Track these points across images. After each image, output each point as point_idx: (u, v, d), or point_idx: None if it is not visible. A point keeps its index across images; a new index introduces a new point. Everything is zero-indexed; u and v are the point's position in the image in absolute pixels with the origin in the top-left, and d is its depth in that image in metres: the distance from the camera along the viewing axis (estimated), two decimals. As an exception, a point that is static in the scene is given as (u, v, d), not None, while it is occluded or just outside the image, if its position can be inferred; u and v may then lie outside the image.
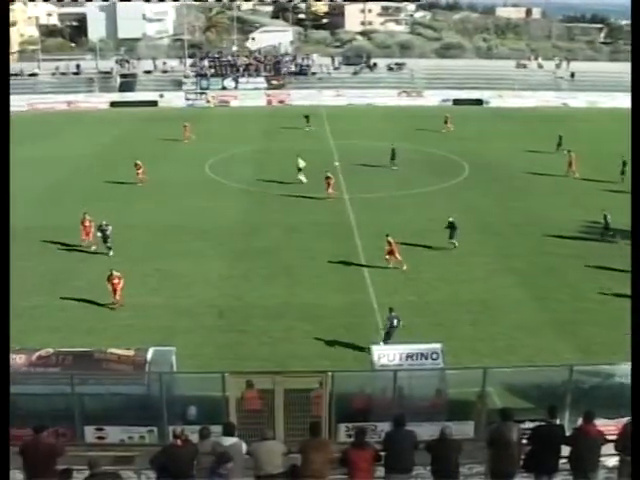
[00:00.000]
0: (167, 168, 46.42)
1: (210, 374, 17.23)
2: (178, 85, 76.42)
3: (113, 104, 73.51)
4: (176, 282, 28.28)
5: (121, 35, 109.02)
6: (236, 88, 76.13)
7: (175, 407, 16.82)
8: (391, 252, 29.06)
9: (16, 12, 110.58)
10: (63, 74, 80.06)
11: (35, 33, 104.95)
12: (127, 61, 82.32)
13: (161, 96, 74.02)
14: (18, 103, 72.28)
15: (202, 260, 30.70)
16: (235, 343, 23.17)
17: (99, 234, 31.06)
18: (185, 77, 77.51)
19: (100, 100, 74.53)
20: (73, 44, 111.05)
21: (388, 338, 22.26)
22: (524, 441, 12.14)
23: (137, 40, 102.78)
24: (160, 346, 18.98)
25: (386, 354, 17.91)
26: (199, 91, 75.31)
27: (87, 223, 31.92)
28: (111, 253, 30.99)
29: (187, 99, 74.35)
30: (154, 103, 73.09)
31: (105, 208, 35.79)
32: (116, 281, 25.84)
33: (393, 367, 17.05)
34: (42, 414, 15.58)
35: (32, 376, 17.08)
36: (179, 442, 11.84)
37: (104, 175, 44.63)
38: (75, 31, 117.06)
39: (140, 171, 42.20)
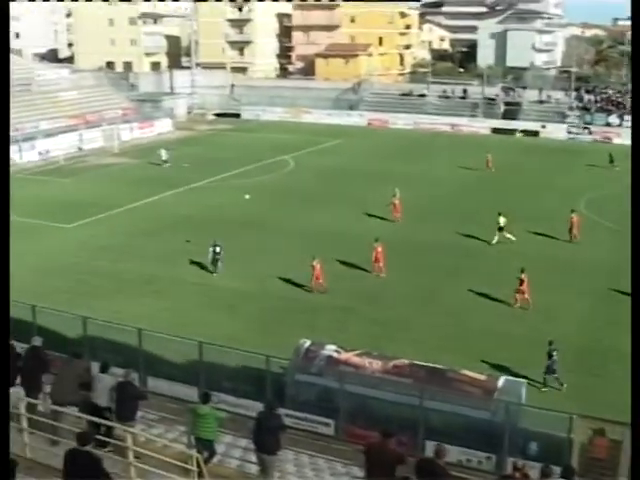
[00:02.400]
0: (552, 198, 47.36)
1: (559, 413, 17.47)
2: (561, 117, 77.11)
3: (495, 130, 76.66)
4: (541, 314, 29.00)
5: (509, 63, 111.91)
6: (620, 125, 73.83)
7: (517, 439, 17.45)
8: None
9: (411, 36, 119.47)
10: (449, 97, 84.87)
11: (427, 56, 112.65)
12: (512, 89, 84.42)
13: (543, 127, 75.71)
14: (406, 121, 79.96)
15: (569, 294, 31.15)
16: (588, 386, 23.17)
17: None
18: (569, 110, 77.57)
19: (482, 125, 78.26)
20: (461, 69, 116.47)
21: (551, 372, 22.61)
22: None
23: (524, 69, 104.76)
24: (510, 375, 19.82)
25: None
26: (582, 125, 74.98)
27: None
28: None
29: (569, 132, 74.98)
30: (535, 133, 75.11)
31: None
32: None
33: None
34: (388, 420, 17.38)
35: (385, 383, 19.02)
36: (517, 475, 12.27)
37: (482, 198, 46.79)
38: (465, 56, 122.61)
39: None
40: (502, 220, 37.80)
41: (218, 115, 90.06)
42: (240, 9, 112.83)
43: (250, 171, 56.50)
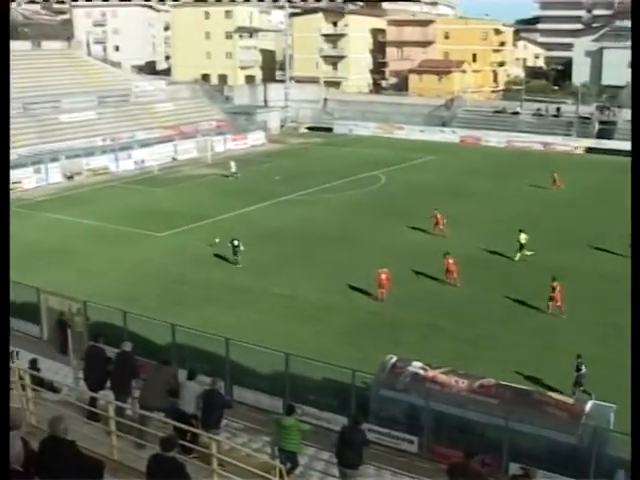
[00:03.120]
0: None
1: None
2: (658, 137, 74.35)
3: (589, 150, 74.82)
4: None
5: (605, 81, 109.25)
6: None
7: (604, 465, 17.00)
8: None
9: (505, 53, 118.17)
10: (543, 115, 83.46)
11: (521, 74, 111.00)
12: (608, 108, 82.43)
13: (638, 147, 73.10)
14: (498, 139, 79.29)
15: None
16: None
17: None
18: (665, 130, 74.95)
19: (576, 145, 76.48)
20: (556, 87, 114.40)
21: (579, 385, 22.98)
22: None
23: (620, 88, 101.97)
24: (600, 400, 19.30)
25: None
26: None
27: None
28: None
29: (666, 152, 72.16)
30: (631, 153, 72.38)
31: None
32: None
33: None
34: (472, 440, 17.20)
35: (471, 402, 18.83)
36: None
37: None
38: (559, 74, 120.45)
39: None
40: (523, 237, 37.89)
41: (310, 129, 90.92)
42: (335, 24, 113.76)
43: (341, 185, 56.77)
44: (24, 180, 57.44)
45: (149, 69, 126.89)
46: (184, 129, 75.41)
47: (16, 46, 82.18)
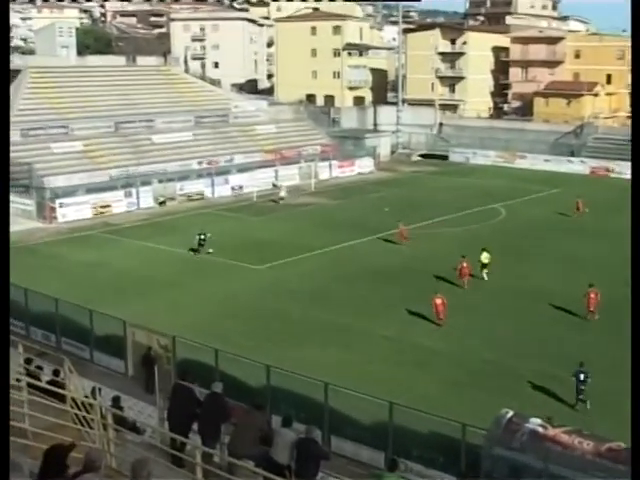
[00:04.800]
0: None
1: None
2: None
3: None
4: None
5: None
6: None
7: None
8: None
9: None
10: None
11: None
12: None
13: None
14: None
15: None
16: None
17: None
18: None
19: None
20: None
21: (579, 394, 25.54)
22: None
23: None
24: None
25: None
26: None
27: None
28: None
29: None
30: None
31: None
32: None
33: None
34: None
35: (596, 467, 18.23)
36: None
37: None
38: None
39: None
40: (484, 256, 41.52)
41: (424, 156, 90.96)
42: (453, 42, 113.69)
43: (456, 219, 56.43)
44: (114, 204, 59.58)
45: (250, 88, 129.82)
46: (286, 153, 76.70)
47: (109, 61, 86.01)
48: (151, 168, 65.93)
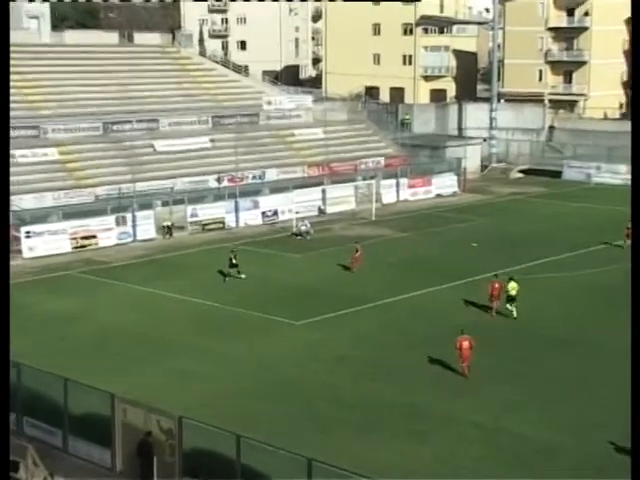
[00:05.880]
0: None
1: None
2: None
3: None
4: None
5: None
6: None
7: None
8: None
9: None
10: None
11: None
12: None
13: None
14: None
15: None
16: None
17: None
18: None
19: None
20: None
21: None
22: None
23: None
24: None
25: None
26: None
27: None
28: None
29: None
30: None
31: None
32: None
33: None
34: None
35: None
36: None
37: None
38: None
39: None
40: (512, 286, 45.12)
41: (527, 172, 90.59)
42: (570, 12, 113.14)
43: (572, 260, 56.00)
44: (101, 234, 59.95)
45: (289, 78, 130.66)
46: (337, 168, 76.81)
47: (96, 39, 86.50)
48: (152, 185, 66.45)
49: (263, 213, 68.35)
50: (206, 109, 77.85)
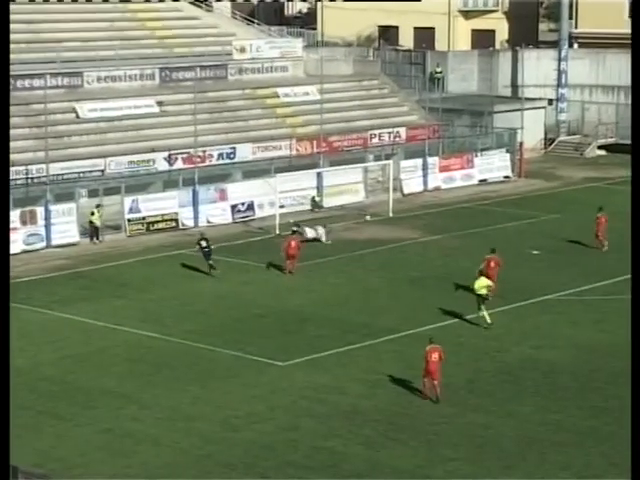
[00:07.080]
0: None
1: None
2: None
3: None
4: None
5: None
6: None
7: None
8: None
9: None
10: None
11: None
12: None
13: None
14: None
15: None
16: None
17: None
18: None
19: None
20: None
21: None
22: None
23: None
24: None
25: None
26: None
27: None
28: None
29: None
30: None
31: None
32: None
33: None
34: None
35: None
36: None
37: None
38: None
39: None
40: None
41: (610, 148, 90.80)
42: None
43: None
44: (1, 237, 60.04)
45: (269, 14, 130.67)
46: (339, 143, 76.85)
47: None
48: (74, 167, 66.40)
49: (233, 207, 68.33)
50: (151, 59, 77.85)
